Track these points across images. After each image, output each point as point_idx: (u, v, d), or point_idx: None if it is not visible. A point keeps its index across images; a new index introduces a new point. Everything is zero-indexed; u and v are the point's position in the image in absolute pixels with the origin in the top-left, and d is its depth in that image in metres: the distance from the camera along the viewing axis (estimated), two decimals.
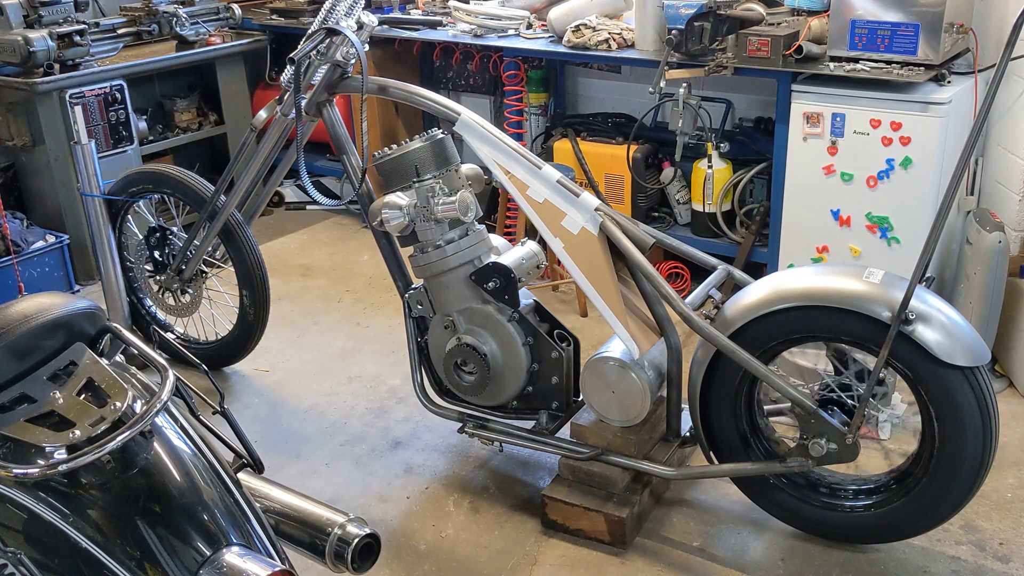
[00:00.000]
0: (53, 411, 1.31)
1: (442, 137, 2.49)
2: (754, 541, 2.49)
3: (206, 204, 3.06)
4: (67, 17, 3.98)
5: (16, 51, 3.72)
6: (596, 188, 3.84)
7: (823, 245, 3.27)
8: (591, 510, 2.46)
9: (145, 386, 1.43)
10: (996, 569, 2.37)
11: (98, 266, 3.31)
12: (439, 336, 2.57)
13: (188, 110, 4.64)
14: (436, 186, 2.42)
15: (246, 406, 3.19)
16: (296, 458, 2.90)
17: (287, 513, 1.52)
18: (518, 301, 2.47)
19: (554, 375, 2.51)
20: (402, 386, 3.24)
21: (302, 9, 4.68)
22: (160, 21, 4.42)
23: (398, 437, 2.99)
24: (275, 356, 3.49)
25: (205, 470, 1.37)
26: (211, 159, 4.84)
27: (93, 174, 3.17)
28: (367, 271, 4.15)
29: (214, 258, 3.24)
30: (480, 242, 2.51)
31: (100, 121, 4.00)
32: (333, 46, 2.67)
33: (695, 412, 2.42)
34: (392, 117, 4.61)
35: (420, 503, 2.69)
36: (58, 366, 1.37)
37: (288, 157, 2.93)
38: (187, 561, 1.28)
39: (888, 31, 3.03)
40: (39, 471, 1.24)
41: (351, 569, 1.47)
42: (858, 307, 2.15)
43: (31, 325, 1.35)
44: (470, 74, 4.50)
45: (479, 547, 2.51)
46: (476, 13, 4.08)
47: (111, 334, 1.46)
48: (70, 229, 3.98)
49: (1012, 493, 2.61)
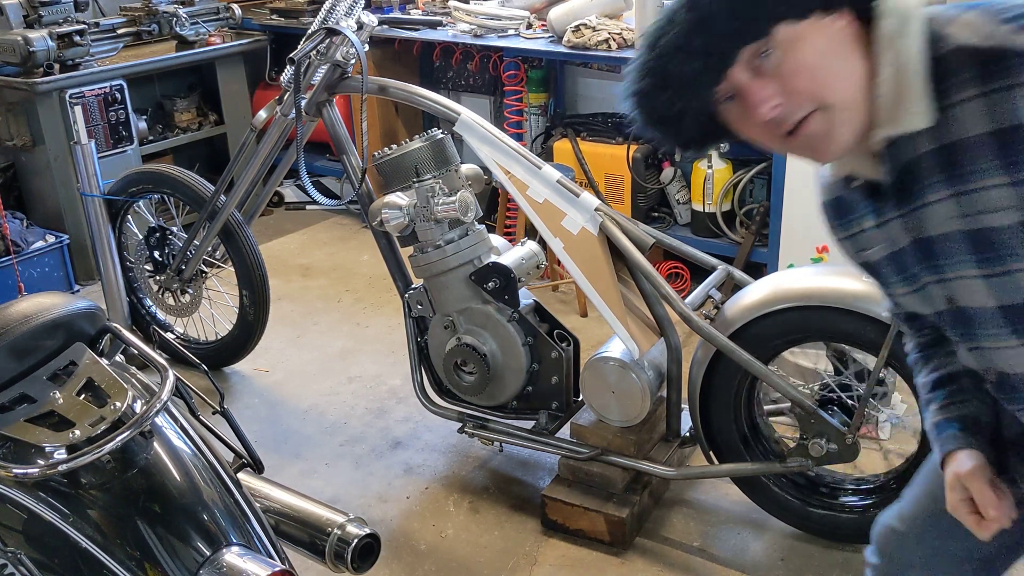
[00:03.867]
0: (53, 411, 1.31)
1: (442, 137, 2.49)
2: (754, 541, 2.49)
3: (206, 204, 3.06)
4: (67, 17, 3.98)
5: (16, 51, 3.72)
6: (596, 188, 3.84)
7: (823, 245, 3.27)
8: (591, 510, 2.46)
9: (145, 386, 1.43)
10: None
11: (98, 266, 3.30)
12: (439, 336, 2.57)
13: (188, 110, 4.64)
14: (436, 186, 2.42)
15: (246, 406, 3.19)
16: (296, 458, 2.90)
17: (287, 513, 1.51)
18: (518, 301, 2.47)
19: (554, 375, 2.51)
20: (402, 386, 3.24)
21: (302, 9, 4.68)
22: (160, 21, 4.42)
23: (398, 437, 2.99)
24: (275, 356, 3.49)
25: (205, 470, 1.37)
26: (211, 159, 4.84)
27: (93, 174, 3.17)
28: (367, 271, 4.15)
29: (214, 258, 3.23)
30: (480, 242, 2.51)
31: (100, 121, 4.00)
32: (333, 46, 2.67)
33: (695, 412, 2.42)
34: (392, 117, 4.61)
35: (420, 503, 2.69)
36: (58, 366, 1.37)
37: (288, 157, 2.93)
38: (187, 561, 1.27)
39: None
40: (39, 471, 1.24)
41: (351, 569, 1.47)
42: (858, 307, 2.14)
43: (31, 325, 1.35)
44: (470, 74, 4.50)
45: (479, 547, 2.51)
46: (476, 13, 4.08)
47: (111, 334, 1.45)
48: (70, 229, 3.98)
49: None
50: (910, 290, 1.25)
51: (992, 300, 1.14)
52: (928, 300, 1.23)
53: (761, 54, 1.05)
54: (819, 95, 1.06)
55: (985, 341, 1.19)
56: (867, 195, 1.20)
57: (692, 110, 1.10)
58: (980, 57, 1.03)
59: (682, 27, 1.04)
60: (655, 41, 1.07)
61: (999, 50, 1.02)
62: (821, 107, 1.07)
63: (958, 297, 1.18)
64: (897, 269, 1.23)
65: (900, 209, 1.15)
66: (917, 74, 1.06)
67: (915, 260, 1.19)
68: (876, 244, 1.23)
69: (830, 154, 1.13)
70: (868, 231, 1.24)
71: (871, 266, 1.29)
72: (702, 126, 1.13)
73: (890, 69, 1.06)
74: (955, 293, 1.17)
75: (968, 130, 1.05)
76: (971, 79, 1.03)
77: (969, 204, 1.08)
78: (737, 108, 1.10)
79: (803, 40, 1.04)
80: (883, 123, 1.09)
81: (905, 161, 1.11)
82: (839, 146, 1.10)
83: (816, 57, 1.05)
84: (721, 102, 1.10)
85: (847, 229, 1.27)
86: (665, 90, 1.09)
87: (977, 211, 1.08)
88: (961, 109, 1.05)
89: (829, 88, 1.06)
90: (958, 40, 1.05)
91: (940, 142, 1.08)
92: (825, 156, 1.13)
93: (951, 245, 1.13)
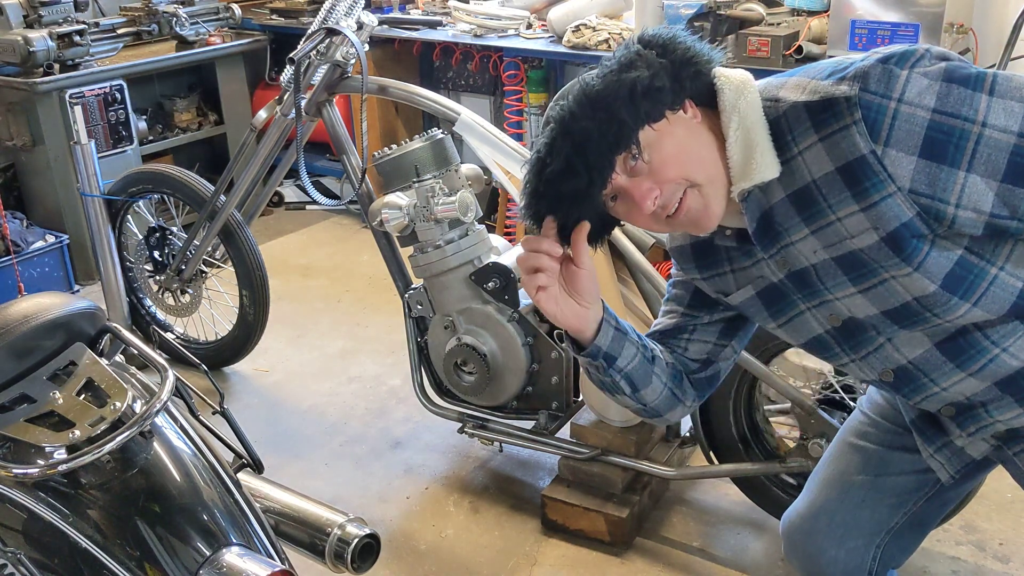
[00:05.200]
0: (53, 411, 1.31)
1: (442, 137, 2.49)
2: (754, 541, 2.49)
3: (206, 204, 3.06)
4: (67, 17, 3.99)
5: (16, 51, 3.72)
6: None
7: None
8: (591, 510, 2.46)
9: (145, 386, 1.43)
10: (996, 569, 2.37)
11: (98, 266, 3.30)
12: (439, 336, 2.57)
13: (188, 110, 4.64)
14: (436, 186, 2.42)
15: (246, 406, 3.19)
16: (296, 458, 2.90)
17: (287, 513, 1.51)
18: (518, 301, 2.47)
19: (554, 375, 2.51)
20: (402, 386, 3.24)
21: (302, 9, 4.68)
22: (160, 21, 4.42)
23: (398, 437, 2.99)
24: (275, 356, 3.49)
25: (205, 470, 1.37)
26: (211, 159, 4.84)
27: (93, 174, 3.17)
28: (367, 271, 4.15)
29: (214, 258, 3.23)
30: (480, 242, 2.50)
31: (100, 121, 4.00)
32: (333, 46, 2.67)
33: (695, 412, 2.42)
34: (392, 117, 4.61)
35: (420, 503, 2.69)
36: (58, 366, 1.37)
37: (288, 157, 2.93)
38: (187, 561, 1.27)
39: (888, 31, 3.03)
40: (39, 471, 1.24)
41: (351, 569, 1.47)
42: None
43: (31, 325, 1.34)
44: (470, 74, 4.50)
45: (479, 547, 2.51)
46: (476, 13, 4.08)
47: (111, 334, 1.45)
48: (70, 229, 3.98)
49: (1012, 493, 2.61)
50: (779, 323, 1.40)
51: (874, 308, 1.28)
52: (800, 328, 1.38)
53: (631, 158, 1.21)
54: (688, 176, 1.23)
55: (872, 345, 1.35)
56: (738, 241, 1.35)
57: (587, 215, 1.28)
58: (812, 109, 1.19)
59: (562, 153, 1.20)
60: (541, 170, 1.23)
61: (827, 99, 1.17)
62: (691, 185, 1.23)
63: (843, 314, 1.32)
64: (768, 303, 1.38)
65: (767, 251, 1.31)
66: (760, 129, 1.22)
67: (793, 289, 1.34)
68: (743, 285, 1.38)
69: (710, 223, 1.27)
70: (736, 272, 1.38)
71: (731, 306, 1.44)
72: (600, 223, 1.31)
73: (736, 132, 1.23)
74: (839, 311, 1.32)
75: (815, 173, 1.20)
76: (808, 128, 1.19)
77: (831, 235, 1.23)
78: (623, 205, 1.27)
79: (663, 137, 1.21)
80: (737, 179, 1.24)
81: (764, 210, 1.26)
82: (715, 215, 1.26)
83: (677, 147, 1.22)
84: (608, 203, 1.27)
85: (710, 270, 1.42)
86: (560, 205, 1.26)
87: (839, 239, 1.23)
88: (805, 156, 1.20)
89: (694, 168, 1.23)
90: (790, 99, 1.21)
91: (793, 188, 1.23)
92: (707, 226, 1.28)
93: (825, 271, 1.28)
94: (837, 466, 1.61)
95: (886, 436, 1.56)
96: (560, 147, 1.20)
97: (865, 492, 1.56)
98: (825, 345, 1.39)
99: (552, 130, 1.21)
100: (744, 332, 1.52)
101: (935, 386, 1.35)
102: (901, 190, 1.15)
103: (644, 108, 1.18)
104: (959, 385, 1.33)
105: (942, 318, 1.25)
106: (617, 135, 1.18)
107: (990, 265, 1.22)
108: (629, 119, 1.18)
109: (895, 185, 1.15)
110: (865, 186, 1.17)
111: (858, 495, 1.56)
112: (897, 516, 1.56)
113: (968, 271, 1.21)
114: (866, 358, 1.37)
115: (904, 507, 1.55)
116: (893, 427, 1.55)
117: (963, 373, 1.31)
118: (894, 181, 1.15)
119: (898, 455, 1.54)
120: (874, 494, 1.55)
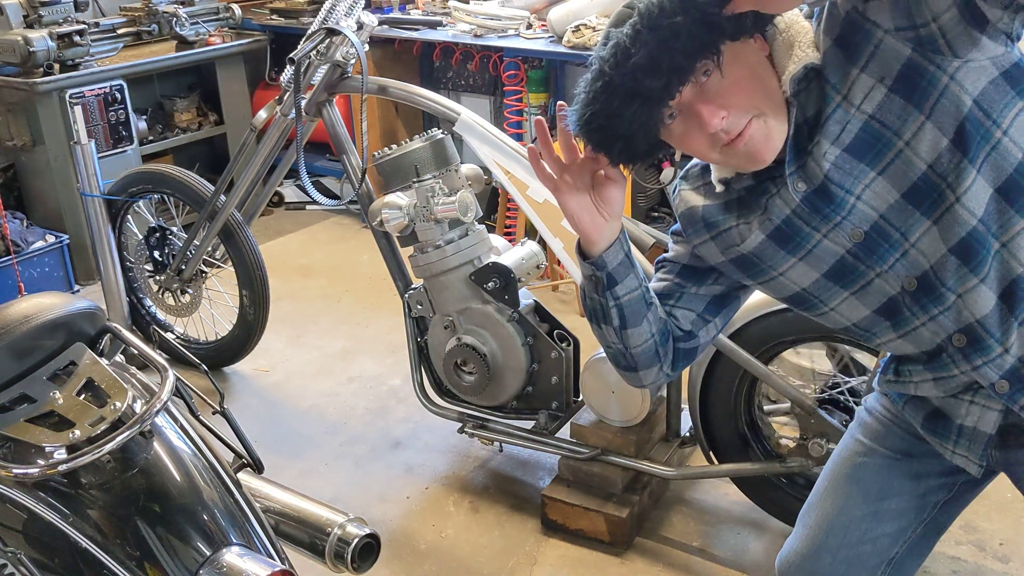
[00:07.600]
0: (53, 411, 1.31)
1: (442, 137, 2.49)
2: (754, 541, 2.49)
3: (206, 204, 3.06)
4: (67, 17, 3.99)
5: (16, 51, 3.72)
6: None
7: None
8: (591, 510, 2.46)
9: (145, 386, 1.43)
10: (996, 569, 2.37)
11: (98, 266, 3.30)
12: (439, 336, 2.57)
13: (188, 110, 4.64)
14: (436, 186, 2.42)
15: (246, 406, 3.19)
16: (296, 458, 2.90)
17: (287, 513, 1.51)
18: (518, 301, 2.47)
19: (554, 375, 2.51)
20: (402, 386, 3.24)
21: (302, 9, 4.68)
22: (160, 21, 4.42)
23: (398, 437, 2.99)
24: (275, 356, 3.49)
25: (205, 470, 1.37)
26: (211, 159, 4.84)
27: (93, 174, 3.17)
28: (367, 271, 4.15)
29: (214, 258, 3.23)
30: (480, 242, 2.51)
31: (100, 121, 4.00)
32: (333, 46, 2.67)
33: (695, 412, 2.42)
34: (392, 117, 4.61)
35: (420, 503, 2.69)
36: (58, 366, 1.37)
37: (288, 157, 2.93)
38: (187, 561, 1.27)
39: None
40: (39, 471, 1.24)
41: (351, 569, 1.47)
42: None
43: (31, 325, 1.35)
44: (470, 74, 4.51)
45: (479, 547, 2.51)
46: (476, 13, 4.08)
47: (111, 334, 1.45)
48: (70, 229, 3.98)
49: (1012, 493, 2.60)
50: (798, 258, 1.33)
51: (895, 192, 1.23)
52: (818, 260, 1.32)
53: (707, 71, 1.19)
54: (757, 105, 1.21)
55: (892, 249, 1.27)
56: (754, 183, 1.32)
57: (646, 127, 1.22)
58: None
59: (647, 48, 1.15)
60: (623, 61, 1.17)
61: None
62: (756, 115, 1.21)
63: (869, 217, 1.25)
64: (781, 242, 1.33)
65: (797, 162, 1.26)
66: (799, 24, 1.23)
67: (810, 212, 1.28)
68: (752, 232, 1.34)
69: (767, 156, 1.24)
70: (740, 226, 1.35)
71: (742, 258, 1.39)
72: (648, 143, 1.25)
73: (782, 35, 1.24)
74: (864, 213, 1.25)
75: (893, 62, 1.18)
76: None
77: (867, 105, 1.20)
78: (680, 124, 1.23)
79: (738, 59, 1.20)
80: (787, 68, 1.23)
81: (812, 96, 1.23)
82: (774, 148, 1.24)
83: (750, 71, 1.22)
84: (665, 121, 1.23)
85: (716, 228, 1.39)
86: (631, 107, 1.19)
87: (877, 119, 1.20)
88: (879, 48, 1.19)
89: (761, 97, 1.22)
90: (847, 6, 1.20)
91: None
92: (764, 159, 1.25)
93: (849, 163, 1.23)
94: (835, 501, 1.54)
95: (884, 462, 1.51)
96: (646, 39, 1.15)
97: (867, 526, 1.50)
98: (839, 271, 1.32)
99: (636, 23, 1.16)
100: (728, 310, 1.50)
101: (951, 294, 1.27)
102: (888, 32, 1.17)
103: (731, 21, 1.15)
104: (972, 294, 1.26)
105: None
106: (707, 38, 1.15)
107: (995, 127, 1.19)
108: (721, 22, 1.14)
109: (882, 30, 1.17)
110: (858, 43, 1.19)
111: (860, 530, 1.50)
112: (897, 546, 1.51)
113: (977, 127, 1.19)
114: (889, 270, 1.29)
115: (904, 535, 1.51)
116: (890, 453, 1.50)
117: (975, 279, 1.25)
118: (879, 27, 1.17)
119: (897, 482, 1.50)
120: (876, 527, 1.50)
